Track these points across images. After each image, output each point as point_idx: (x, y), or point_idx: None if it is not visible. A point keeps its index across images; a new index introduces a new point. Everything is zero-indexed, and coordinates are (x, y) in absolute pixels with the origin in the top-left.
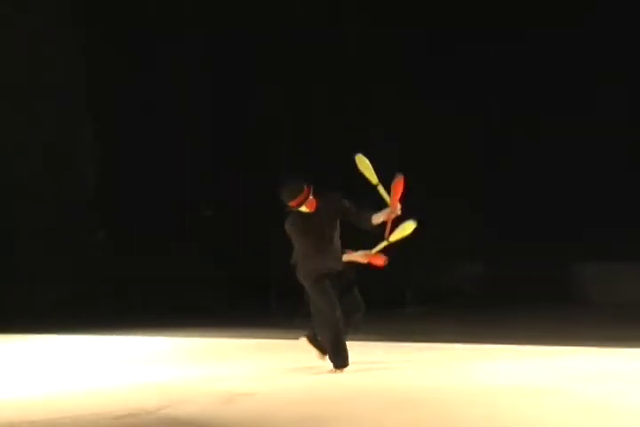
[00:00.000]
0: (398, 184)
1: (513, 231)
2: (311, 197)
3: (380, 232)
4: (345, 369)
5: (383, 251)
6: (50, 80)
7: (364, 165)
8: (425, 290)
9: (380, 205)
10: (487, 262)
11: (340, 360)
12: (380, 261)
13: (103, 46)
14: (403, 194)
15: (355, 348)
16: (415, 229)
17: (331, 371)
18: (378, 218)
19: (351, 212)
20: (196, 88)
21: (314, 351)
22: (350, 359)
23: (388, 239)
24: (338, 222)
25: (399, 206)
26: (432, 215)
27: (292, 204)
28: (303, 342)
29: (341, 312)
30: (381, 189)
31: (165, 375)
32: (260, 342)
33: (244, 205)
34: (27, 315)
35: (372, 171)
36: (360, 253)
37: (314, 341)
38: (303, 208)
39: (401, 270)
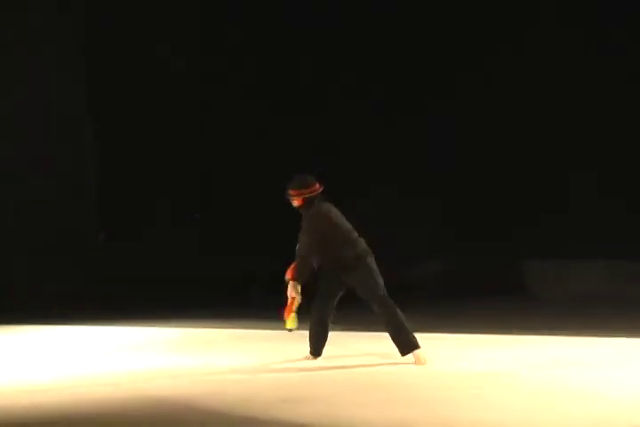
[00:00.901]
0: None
1: (470, 230)
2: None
3: None
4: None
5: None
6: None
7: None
8: (392, 285)
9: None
10: (446, 259)
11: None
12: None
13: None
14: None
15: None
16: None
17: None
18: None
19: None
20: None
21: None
22: (325, 348)
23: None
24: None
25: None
26: (394, 215)
27: (318, 185)
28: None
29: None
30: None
31: (154, 363)
32: (244, 331)
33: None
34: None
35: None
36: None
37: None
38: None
39: None
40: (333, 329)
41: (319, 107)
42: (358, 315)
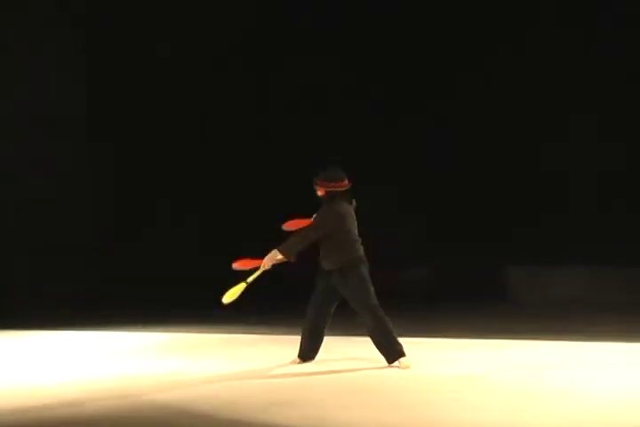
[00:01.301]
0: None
1: (454, 233)
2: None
3: None
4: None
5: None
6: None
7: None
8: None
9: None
10: (431, 263)
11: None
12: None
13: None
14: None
15: None
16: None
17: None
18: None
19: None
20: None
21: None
22: (322, 352)
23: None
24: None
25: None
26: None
27: (346, 182)
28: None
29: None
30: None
31: (144, 367)
32: (232, 336)
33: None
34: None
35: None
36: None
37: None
38: (347, 193)
39: None
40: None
41: (319, 107)
42: (343, 319)
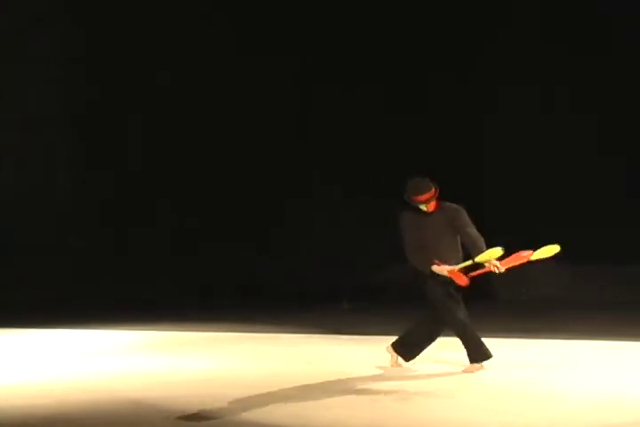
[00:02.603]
0: (521, 257)
1: None
2: (435, 198)
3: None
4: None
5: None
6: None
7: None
8: (359, 288)
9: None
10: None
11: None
12: (462, 280)
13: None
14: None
15: (296, 340)
16: None
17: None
18: (479, 257)
19: (462, 230)
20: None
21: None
22: (296, 350)
23: (473, 259)
24: (450, 231)
25: (504, 268)
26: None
27: (417, 198)
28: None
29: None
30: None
31: (127, 365)
32: (217, 334)
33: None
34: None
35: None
36: (446, 267)
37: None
38: (423, 206)
39: (338, 269)
40: (308, 332)
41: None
42: (328, 318)
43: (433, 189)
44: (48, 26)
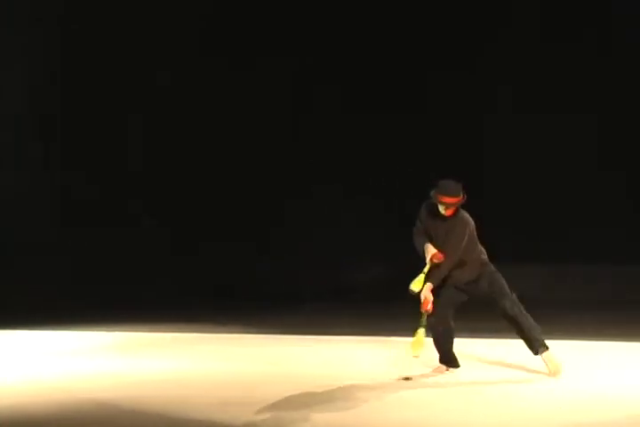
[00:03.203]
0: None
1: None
2: (457, 206)
3: None
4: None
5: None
6: None
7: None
8: (324, 287)
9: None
10: (384, 262)
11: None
12: (425, 304)
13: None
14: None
15: (261, 341)
16: None
17: None
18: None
19: (447, 242)
20: None
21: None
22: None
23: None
24: (461, 241)
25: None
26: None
27: (442, 198)
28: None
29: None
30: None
31: (95, 366)
32: (185, 335)
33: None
34: None
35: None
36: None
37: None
38: (442, 208)
39: (302, 269)
40: (273, 332)
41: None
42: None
43: (460, 197)
44: (47, 25)
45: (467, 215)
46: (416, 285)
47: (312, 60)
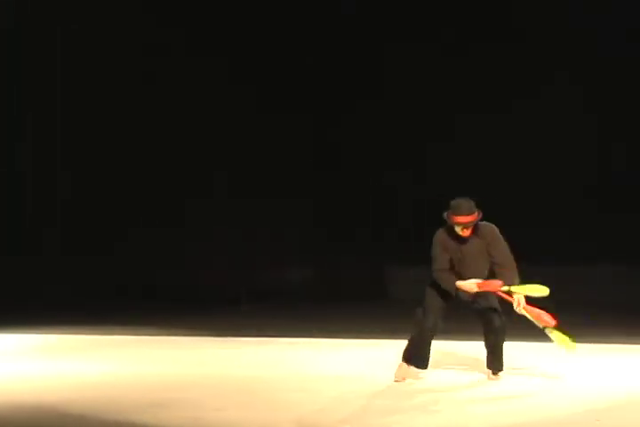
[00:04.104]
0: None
1: (340, 232)
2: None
3: None
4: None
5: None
6: None
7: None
8: (258, 289)
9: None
10: (316, 263)
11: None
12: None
13: None
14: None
15: (194, 343)
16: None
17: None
18: (518, 288)
19: (496, 259)
20: None
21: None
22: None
23: (509, 286)
24: (484, 257)
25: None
26: (263, 216)
27: (457, 218)
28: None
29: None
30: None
31: (26, 369)
32: (113, 338)
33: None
34: None
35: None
36: (473, 280)
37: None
38: (459, 229)
39: (236, 270)
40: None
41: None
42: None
43: (476, 213)
44: None
45: (487, 225)
46: (565, 342)
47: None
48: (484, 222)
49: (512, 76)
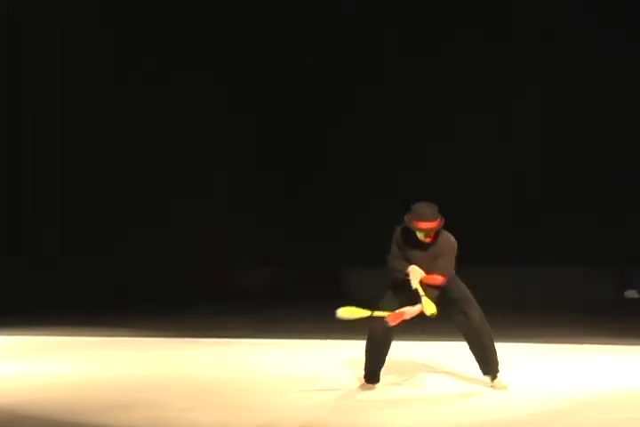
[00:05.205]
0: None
1: (297, 233)
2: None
3: None
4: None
5: None
6: None
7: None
8: (218, 290)
9: None
10: (274, 263)
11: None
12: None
13: None
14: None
15: (158, 345)
16: None
17: None
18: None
19: (438, 265)
20: None
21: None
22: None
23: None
24: (452, 265)
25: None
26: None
27: (419, 224)
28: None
29: None
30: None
31: None
32: (73, 338)
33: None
34: None
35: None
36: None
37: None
38: (421, 235)
39: (195, 271)
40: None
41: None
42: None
43: (438, 220)
44: None
45: (449, 236)
46: (431, 308)
47: None
48: (447, 233)
49: (512, 75)
